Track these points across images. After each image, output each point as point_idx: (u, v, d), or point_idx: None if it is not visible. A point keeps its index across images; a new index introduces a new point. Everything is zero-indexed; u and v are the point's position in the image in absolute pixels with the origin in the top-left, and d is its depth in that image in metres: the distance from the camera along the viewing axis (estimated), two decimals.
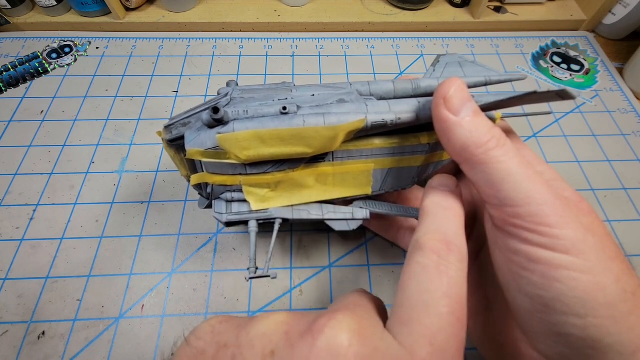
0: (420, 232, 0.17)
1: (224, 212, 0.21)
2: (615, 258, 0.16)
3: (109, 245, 0.29)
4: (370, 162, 0.22)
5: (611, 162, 0.34)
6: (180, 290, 0.27)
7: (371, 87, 0.23)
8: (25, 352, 0.25)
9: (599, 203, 0.32)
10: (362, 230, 0.30)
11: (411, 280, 0.15)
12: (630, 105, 0.38)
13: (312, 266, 0.29)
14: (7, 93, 0.38)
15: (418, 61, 0.42)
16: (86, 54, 0.42)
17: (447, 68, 0.24)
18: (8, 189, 0.32)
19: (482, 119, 0.17)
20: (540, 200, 0.16)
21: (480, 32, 0.45)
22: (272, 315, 0.15)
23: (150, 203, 0.31)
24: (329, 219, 0.22)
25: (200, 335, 0.15)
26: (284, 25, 0.44)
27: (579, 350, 0.16)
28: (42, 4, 0.42)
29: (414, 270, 0.15)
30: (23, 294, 0.27)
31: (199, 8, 0.45)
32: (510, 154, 0.16)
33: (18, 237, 0.29)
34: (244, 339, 0.14)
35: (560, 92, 0.16)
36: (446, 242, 0.16)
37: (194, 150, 0.20)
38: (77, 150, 0.34)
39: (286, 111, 0.20)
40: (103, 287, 0.27)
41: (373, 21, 0.44)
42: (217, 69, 0.41)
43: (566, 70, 0.41)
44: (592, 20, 0.44)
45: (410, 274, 0.15)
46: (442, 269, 0.15)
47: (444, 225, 0.17)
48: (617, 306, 0.15)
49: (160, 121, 0.36)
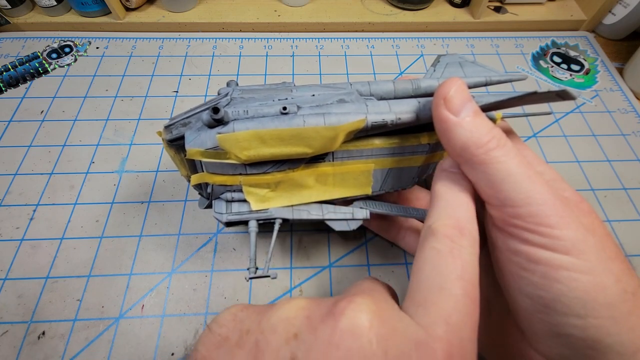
0: (432, 217, 0.17)
1: (224, 212, 0.21)
2: (616, 258, 0.16)
3: (109, 245, 0.29)
4: (370, 162, 0.22)
5: (611, 162, 0.34)
6: (180, 290, 0.27)
7: (371, 87, 0.23)
8: (25, 352, 0.25)
9: (599, 203, 0.32)
10: (362, 230, 0.30)
11: (426, 264, 0.16)
12: (630, 105, 0.38)
13: (312, 266, 0.29)
14: (7, 93, 0.38)
15: (418, 61, 0.42)
16: (86, 54, 0.42)
17: (447, 68, 0.24)
18: (8, 189, 0.32)
19: (482, 119, 0.17)
20: (541, 200, 0.16)
21: (480, 32, 0.45)
22: (292, 300, 0.16)
23: (150, 203, 0.31)
24: (329, 219, 0.22)
25: (223, 322, 0.16)
26: (284, 25, 0.44)
27: (579, 350, 0.16)
28: (42, 4, 0.42)
29: (428, 254, 0.16)
30: (23, 294, 0.27)
31: (199, 8, 0.45)
32: (510, 154, 0.16)
33: (18, 237, 0.29)
34: (266, 325, 0.15)
35: (560, 92, 0.16)
36: (459, 227, 0.16)
37: (194, 150, 0.20)
38: (77, 150, 0.34)
39: (286, 111, 0.20)
40: (103, 287, 0.27)
41: (373, 21, 0.44)
42: (217, 69, 0.41)
43: (566, 70, 0.41)
44: (592, 20, 0.44)
45: (424, 259, 0.16)
46: (455, 253, 0.15)
47: (456, 210, 0.17)
48: (618, 306, 0.15)
49: (160, 121, 0.36)
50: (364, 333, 0.13)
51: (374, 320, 0.14)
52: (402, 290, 0.17)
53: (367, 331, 0.14)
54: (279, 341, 0.14)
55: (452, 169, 0.19)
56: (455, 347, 0.14)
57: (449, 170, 0.19)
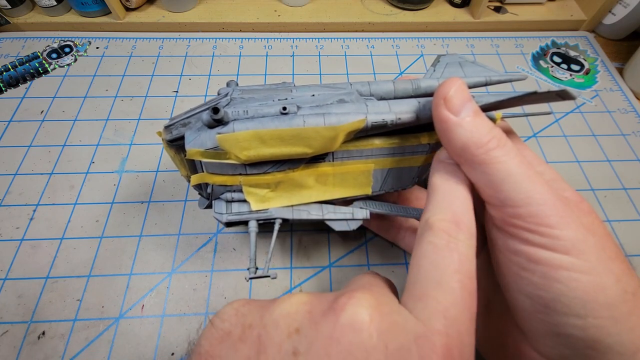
0: (429, 211, 0.17)
1: (224, 212, 0.21)
2: (616, 258, 0.16)
3: (109, 245, 0.29)
4: (370, 162, 0.22)
5: (611, 162, 0.34)
6: (180, 290, 0.27)
7: (371, 87, 0.23)
8: (25, 352, 0.25)
9: (599, 203, 0.32)
10: (362, 230, 0.30)
11: (423, 258, 0.16)
12: (630, 105, 0.38)
13: (312, 266, 0.29)
14: (7, 93, 0.38)
15: (418, 61, 0.42)
16: (86, 54, 0.42)
17: (447, 68, 0.24)
18: (8, 189, 0.32)
19: (482, 119, 0.17)
20: (541, 200, 0.16)
21: (480, 32, 0.45)
22: (293, 296, 0.16)
23: (150, 203, 0.31)
24: (329, 219, 0.22)
25: (225, 317, 0.16)
26: (284, 25, 0.44)
27: (579, 350, 0.16)
28: (42, 4, 0.42)
29: (425, 249, 0.16)
30: (23, 294, 0.27)
31: (199, 8, 0.45)
32: (510, 154, 0.16)
33: (18, 237, 0.29)
34: (269, 319, 0.15)
35: (560, 92, 0.16)
36: (455, 221, 0.16)
37: (194, 150, 0.20)
38: (77, 150, 0.34)
39: (286, 111, 0.20)
40: (103, 287, 0.27)
41: (373, 21, 0.44)
42: (217, 69, 0.41)
43: (566, 70, 0.41)
44: (592, 20, 0.44)
45: (422, 253, 0.16)
46: (452, 247, 0.16)
47: (453, 204, 0.17)
48: (618, 307, 0.15)
49: (160, 121, 0.36)
50: (365, 328, 0.14)
51: (374, 314, 0.14)
52: (402, 289, 0.17)
53: (367, 326, 0.14)
54: (281, 336, 0.14)
55: (449, 159, 0.19)
56: (454, 340, 0.14)
57: (446, 162, 0.19)
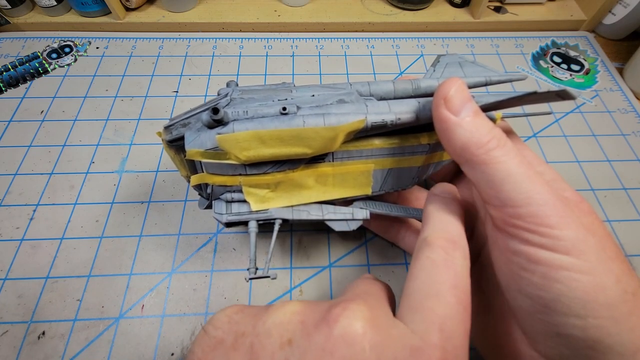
0: (427, 231, 0.18)
1: (224, 212, 0.21)
2: (616, 258, 0.16)
3: (109, 245, 0.29)
4: (370, 162, 0.22)
5: (611, 162, 0.34)
6: (180, 290, 0.27)
7: (371, 87, 0.23)
8: (25, 352, 0.25)
9: (599, 203, 0.32)
10: (362, 230, 0.30)
11: (421, 272, 0.16)
12: (630, 105, 0.38)
13: (312, 266, 0.29)
14: (7, 93, 0.38)
15: (418, 61, 0.42)
16: (86, 54, 0.42)
17: (447, 68, 0.24)
18: (8, 189, 0.32)
19: (482, 119, 0.17)
20: (541, 200, 0.16)
21: (480, 32, 0.45)
22: (286, 304, 0.16)
23: (150, 203, 0.31)
24: (329, 219, 0.22)
25: (218, 325, 0.16)
26: (284, 25, 0.44)
27: (579, 350, 0.16)
28: (42, 4, 0.42)
29: (423, 264, 0.16)
30: (23, 294, 0.27)
31: (199, 8, 0.45)
32: (510, 154, 0.16)
33: (18, 237, 0.29)
34: (261, 328, 0.15)
35: (560, 92, 0.16)
36: (452, 240, 0.17)
37: (193, 150, 0.20)
38: (77, 150, 0.34)
39: (286, 112, 0.20)
40: (103, 287, 0.27)
41: (373, 21, 0.44)
42: (217, 69, 0.41)
43: (566, 70, 0.41)
44: (592, 20, 0.44)
45: (420, 267, 0.16)
46: (449, 264, 0.16)
47: (448, 227, 0.18)
48: (618, 307, 0.15)
49: (160, 121, 0.36)
50: (357, 340, 0.14)
51: (367, 327, 0.14)
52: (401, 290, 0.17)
53: (360, 338, 0.14)
54: (274, 346, 0.14)
55: (443, 194, 0.20)
56: (450, 354, 0.14)
57: (441, 195, 0.20)
